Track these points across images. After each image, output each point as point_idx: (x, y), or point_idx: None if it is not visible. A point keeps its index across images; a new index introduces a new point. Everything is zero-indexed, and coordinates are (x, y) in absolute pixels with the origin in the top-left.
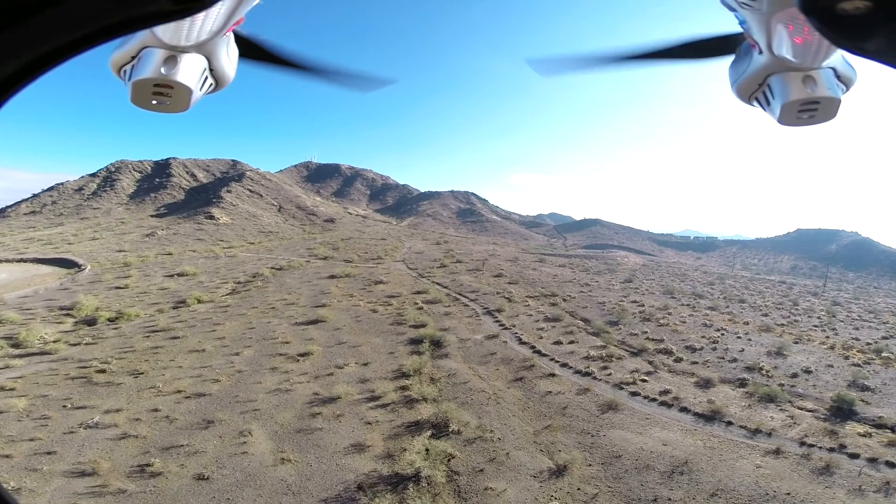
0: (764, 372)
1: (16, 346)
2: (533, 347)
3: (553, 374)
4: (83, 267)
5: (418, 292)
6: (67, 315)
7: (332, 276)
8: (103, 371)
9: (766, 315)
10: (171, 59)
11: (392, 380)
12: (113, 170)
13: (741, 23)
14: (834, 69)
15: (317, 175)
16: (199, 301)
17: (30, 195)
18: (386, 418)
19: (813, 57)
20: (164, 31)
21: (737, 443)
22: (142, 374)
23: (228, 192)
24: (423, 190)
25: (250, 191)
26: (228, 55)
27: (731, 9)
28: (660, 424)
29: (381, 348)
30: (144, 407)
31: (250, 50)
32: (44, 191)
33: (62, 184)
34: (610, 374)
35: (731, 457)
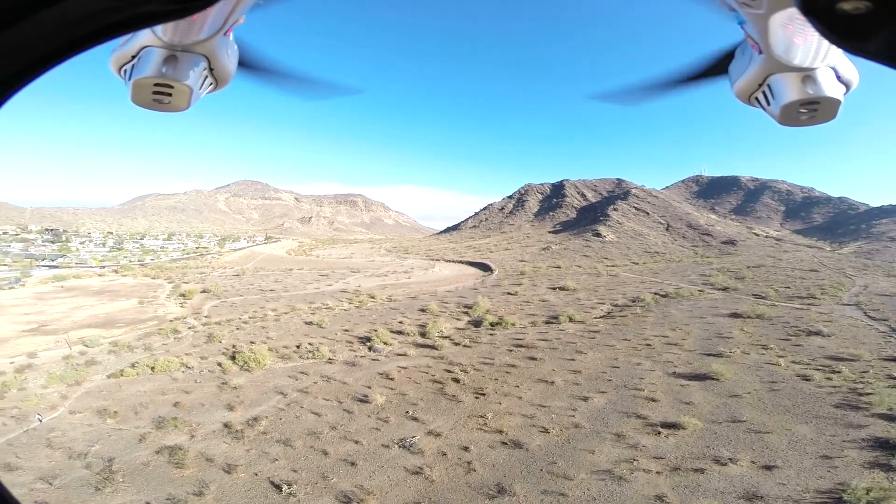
0: None
1: (422, 335)
2: None
3: None
4: (493, 271)
5: None
6: (465, 313)
7: (736, 315)
8: (457, 381)
9: None
10: (171, 59)
11: None
12: (523, 192)
13: (741, 23)
14: (834, 69)
15: (709, 189)
16: (571, 320)
17: (472, 214)
18: None
19: (813, 57)
20: (164, 31)
21: None
22: (483, 395)
23: (615, 210)
24: (874, 205)
25: (636, 209)
26: (228, 55)
27: (732, 9)
28: None
29: (806, 444)
30: (460, 441)
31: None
32: (480, 210)
33: (491, 205)
34: None
35: None
